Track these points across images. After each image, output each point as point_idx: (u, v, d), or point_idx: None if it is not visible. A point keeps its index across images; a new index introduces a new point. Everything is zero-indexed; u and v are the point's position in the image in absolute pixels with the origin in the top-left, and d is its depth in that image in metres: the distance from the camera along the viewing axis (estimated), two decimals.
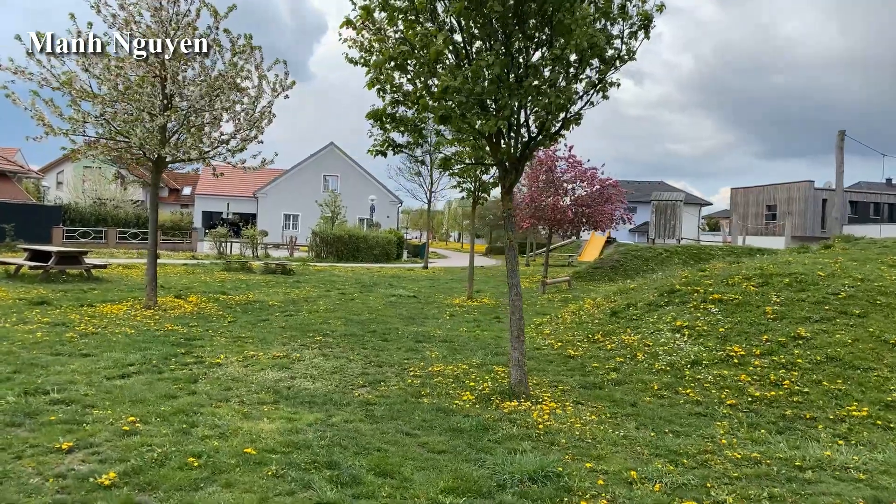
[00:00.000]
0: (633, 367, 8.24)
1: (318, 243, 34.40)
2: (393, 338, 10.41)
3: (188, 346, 8.83)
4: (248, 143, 13.07)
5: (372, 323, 11.91)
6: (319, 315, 12.56)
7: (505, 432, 5.75)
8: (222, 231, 34.05)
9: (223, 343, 9.22)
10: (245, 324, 11.05)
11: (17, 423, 5.18)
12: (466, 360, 8.93)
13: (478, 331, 11.66)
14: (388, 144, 8.10)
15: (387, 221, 50.35)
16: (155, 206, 12.55)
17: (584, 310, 12.00)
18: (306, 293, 16.28)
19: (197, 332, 9.90)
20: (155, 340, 9.01)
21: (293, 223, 51.91)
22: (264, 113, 12.97)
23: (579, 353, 9.29)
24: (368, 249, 34.73)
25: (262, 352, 8.65)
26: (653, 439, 5.74)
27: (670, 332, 9.02)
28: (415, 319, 12.80)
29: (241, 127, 12.72)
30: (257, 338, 9.74)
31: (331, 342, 9.73)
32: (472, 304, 15.88)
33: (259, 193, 51.27)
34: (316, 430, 5.47)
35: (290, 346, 9.21)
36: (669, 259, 28.10)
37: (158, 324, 10.48)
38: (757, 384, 7.20)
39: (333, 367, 7.94)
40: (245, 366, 7.77)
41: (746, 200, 59.43)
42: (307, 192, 51.02)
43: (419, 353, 9.29)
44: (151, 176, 12.62)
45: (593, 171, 25.51)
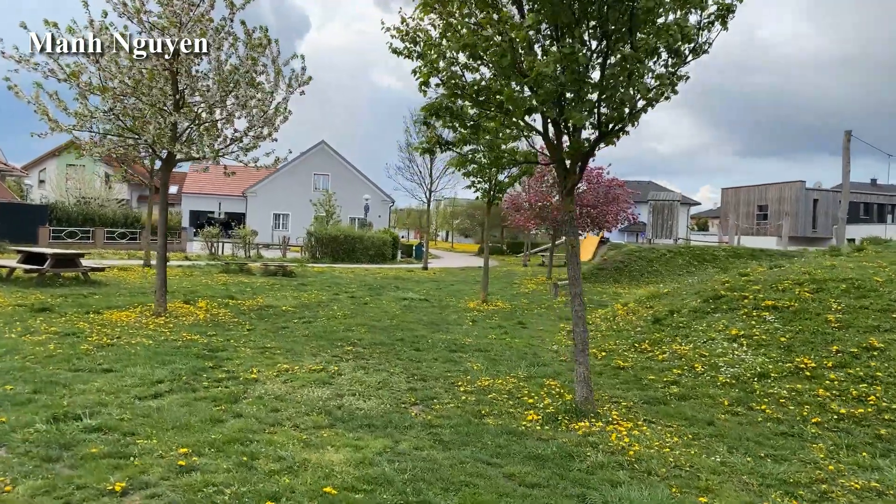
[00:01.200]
0: (694, 381, 7.76)
1: (312, 243, 33.65)
2: (424, 347, 9.84)
3: (214, 358, 8.20)
4: (261, 140, 12.44)
5: (396, 330, 11.33)
6: (339, 321, 11.95)
7: (593, 460, 5.22)
8: (214, 231, 33.23)
9: (250, 354, 8.60)
10: (265, 332, 10.42)
11: (54, 458, 4.55)
12: (510, 372, 8.39)
13: (507, 338, 11.14)
14: (437, 141, 7.56)
15: (378, 221, 49.69)
16: (165, 207, 11.86)
17: (619, 315, 11.52)
18: (316, 297, 15.64)
19: (218, 343, 9.26)
20: (177, 353, 8.36)
21: (283, 223, 51.05)
22: (279, 109, 12.35)
23: (629, 363, 8.79)
24: (364, 250, 34.07)
25: (295, 364, 8.04)
26: (753, 466, 5.25)
27: (726, 341, 8.56)
28: (438, 326, 12.24)
29: (255, 124, 12.08)
30: (284, 348, 9.13)
31: (363, 353, 9.14)
32: (490, 309, 15.35)
33: (248, 192, 50.33)
34: (389, 460, 4.90)
35: (323, 358, 8.62)
36: (673, 260, 27.84)
37: (175, 333, 9.82)
38: (838, 400, 6.75)
39: (378, 382, 7.36)
40: (284, 381, 7.17)
41: (737, 200, 59.58)
42: (297, 192, 50.20)
43: (458, 364, 8.74)
44: (161, 174, 11.93)
45: (599, 170, 25.13)
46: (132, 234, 34.60)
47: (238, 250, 33.97)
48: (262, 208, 50.10)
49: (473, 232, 73.41)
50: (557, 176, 7.04)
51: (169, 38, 10.55)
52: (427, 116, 6.79)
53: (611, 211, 24.97)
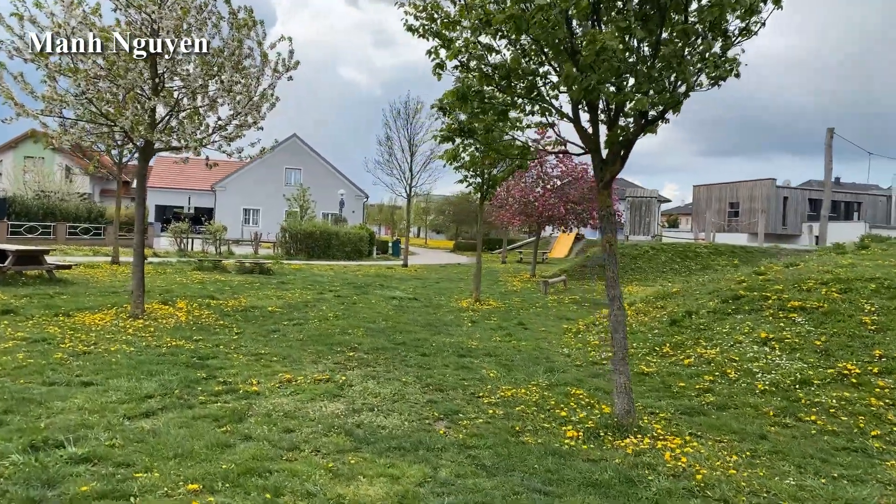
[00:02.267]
0: (730, 388, 7.24)
1: (287, 240, 32.64)
2: (430, 351, 9.17)
3: (205, 367, 7.41)
4: (245, 128, 11.61)
5: (394, 333, 10.63)
6: (331, 323, 11.20)
7: (657, 486, 4.63)
8: (184, 226, 31.94)
9: (244, 362, 7.82)
10: (256, 336, 9.63)
11: (36, 500, 3.77)
12: (530, 379, 7.78)
13: (513, 341, 10.53)
14: (459, 130, 6.89)
15: (352, 216, 48.68)
16: (143, 201, 10.94)
17: (629, 316, 10.99)
18: (300, 296, 14.83)
19: (207, 349, 8.45)
20: (163, 361, 7.54)
21: (253, 218, 49.69)
22: (265, 96, 11.52)
23: (653, 369, 8.26)
24: (340, 246, 33.16)
25: (297, 374, 7.29)
26: (833, 490, 4.72)
27: (755, 344, 8.08)
28: (437, 328, 11.58)
29: (240, 111, 11.23)
30: (280, 354, 8.37)
31: (367, 359, 8.43)
32: (485, 308, 14.73)
33: (217, 187, 48.83)
34: (434, 492, 4.23)
35: (325, 365, 7.89)
36: (656, 257, 27.67)
37: (156, 338, 8.97)
38: (893, 409, 6.29)
39: (393, 394, 6.67)
40: (289, 394, 6.43)
41: (709, 197, 60.08)
42: (268, 186, 48.92)
43: (472, 371, 8.10)
44: (138, 165, 10.99)
45: (585, 166, 24.68)
46: (96, 229, 33.11)
47: (208, 246, 32.72)
48: (231, 203, 48.64)
49: (446, 228, 72.76)
50: (594, 167, 6.43)
51: (147, 14, 9.66)
52: (453, 102, 6.12)
53: (595, 208, 24.51)
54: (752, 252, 30.12)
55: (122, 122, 9.94)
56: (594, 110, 6.26)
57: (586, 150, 6.46)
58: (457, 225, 59.78)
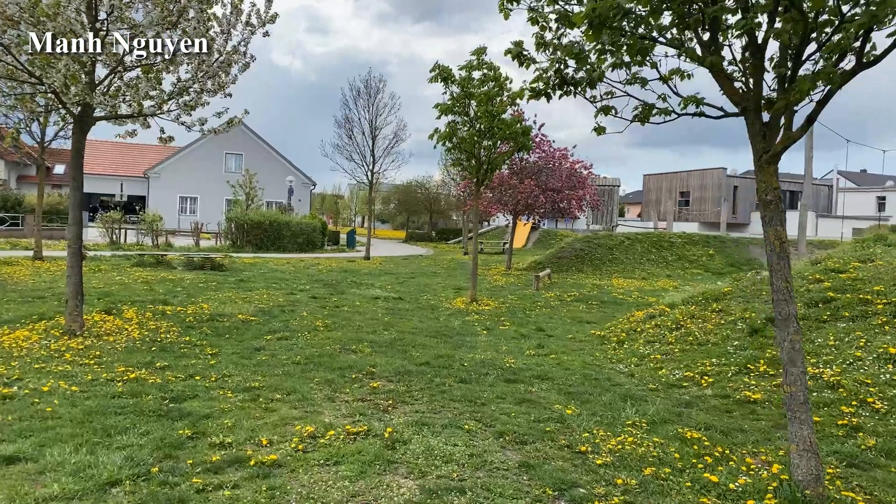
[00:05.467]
0: (885, 426, 5.62)
1: (233, 230, 29.85)
2: (467, 375, 7.23)
3: (185, 416, 5.24)
4: (209, 94, 9.33)
5: (407, 348, 8.63)
6: (325, 336, 9.08)
7: None
8: (116, 216, 28.70)
9: (238, 404, 5.68)
10: (237, 358, 7.44)
11: None
12: (617, 416, 5.96)
13: (551, 355, 8.71)
14: (560, 80, 4.92)
15: (299, 205, 45.84)
16: (80, 185, 8.52)
17: (672, 319, 9.32)
18: (269, 298, 12.57)
19: (179, 382, 6.25)
20: (123, 408, 5.33)
21: (191, 207, 46.17)
22: (236, 53, 9.26)
23: (759, 395, 6.58)
24: (292, 237, 30.63)
25: (318, 421, 5.22)
26: None
27: (885, 362, 6.51)
28: (450, 337, 9.63)
29: (206, 71, 8.94)
30: (280, 388, 6.25)
31: (397, 391, 6.41)
32: (484, 309, 12.86)
33: (150, 173, 45.04)
34: None
35: (348, 405, 5.84)
36: (632, 247, 26.51)
37: (105, 366, 6.69)
38: None
39: (468, 457, 4.70)
40: (323, 462, 4.39)
41: (659, 186, 60.02)
42: (207, 172, 45.53)
43: (537, 406, 6.21)
44: (74, 138, 8.53)
45: (563, 151, 23.13)
46: (13, 219, 29.47)
47: (144, 238, 29.59)
48: (166, 191, 44.96)
49: (392, 218, 70.42)
50: (751, 135, 4.61)
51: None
52: (589, 29, 4.15)
53: (576, 196, 23.02)
54: (724, 241, 29.41)
55: (50, 79, 7.51)
56: (759, 51, 4.46)
57: (742, 111, 4.64)
58: (407, 214, 57.56)
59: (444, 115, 12.76)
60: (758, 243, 30.35)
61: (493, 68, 13.03)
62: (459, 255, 33.41)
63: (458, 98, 13.03)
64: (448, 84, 13.03)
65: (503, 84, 13.07)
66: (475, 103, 13.06)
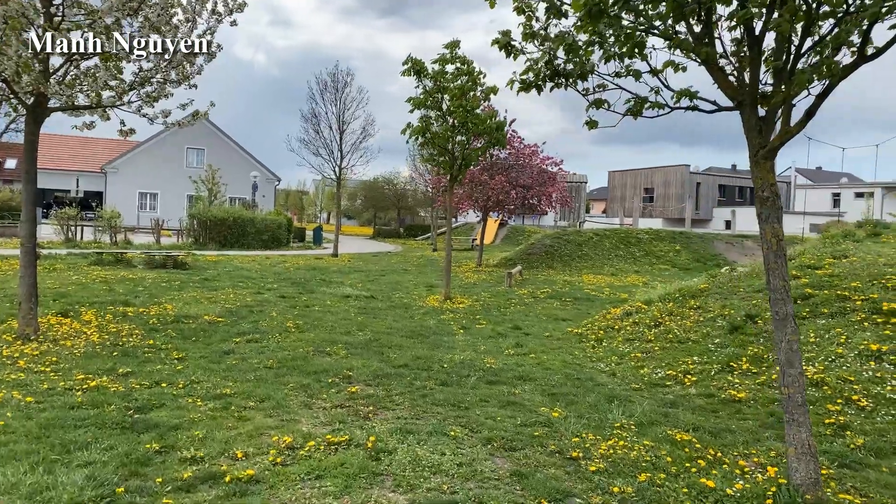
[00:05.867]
0: (871, 423, 5.57)
1: (195, 227, 29.05)
2: (447, 377, 7.00)
3: (152, 427, 4.89)
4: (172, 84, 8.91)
5: (383, 349, 8.37)
6: (297, 338, 8.75)
7: None
8: (71, 212, 27.68)
9: (208, 412, 5.34)
10: (207, 364, 7.08)
11: None
12: (604, 418, 5.80)
13: (530, 354, 8.54)
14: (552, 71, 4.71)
15: (263, 201, 44.95)
16: (32, 178, 8.01)
17: (650, 316, 9.25)
18: (236, 298, 12.15)
19: (144, 390, 5.88)
20: (83, 420, 4.95)
21: (151, 203, 44.90)
22: (201, 43, 8.85)
23: (744, 394, 6.50)
24: (257, 234, 29.96)
25: (296, 430, 4.93)
26: None
27: (867, 359, 6.50)
28: (426, 337, 9.40)
29: (172, 60, 8.52)
30: (253, 394, 5.92)
31: (377, 396, 6.15)
32: (459, 307, 12.66)
33: (108, 168, 43.65)
34: None
35: (326, 412, 5.56)
36: (601, 243, 26.59)
37: (63, 374, 6.28)
38: None
39: (457, 466, 4.47)
40: (304, 476, 4.11)
41: (624, 183, 60.62)
42: (167, 168, 44.33)
43: (523, 409, 6.02)
44: (27, 129, 8.01)
45: (534, 147, 23.06)
46: None
47: (101, 235, 28.58)
48: (124, 186, 43.60)
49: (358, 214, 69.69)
50: (746, 129, 4.48)
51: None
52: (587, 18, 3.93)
53: (546, 192, 22.96)
54: (690, 237, 29.76)
55: (0, 67, 7.02)
56: (756, 43, 4.32)
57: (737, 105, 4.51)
58: (374, 211, 57.02)
59: (418, 108, 12.49)
60: (722, 239, 30.83)
61: (467, 62, 12.81)
62: (429, 252, 33.18)
63: (431, 92, 12.78)
64: (421, 78, 12.77)
65: (476, 79, 12.87)
66: (448, 97, 12.83)
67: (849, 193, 56.65)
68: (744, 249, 29.36)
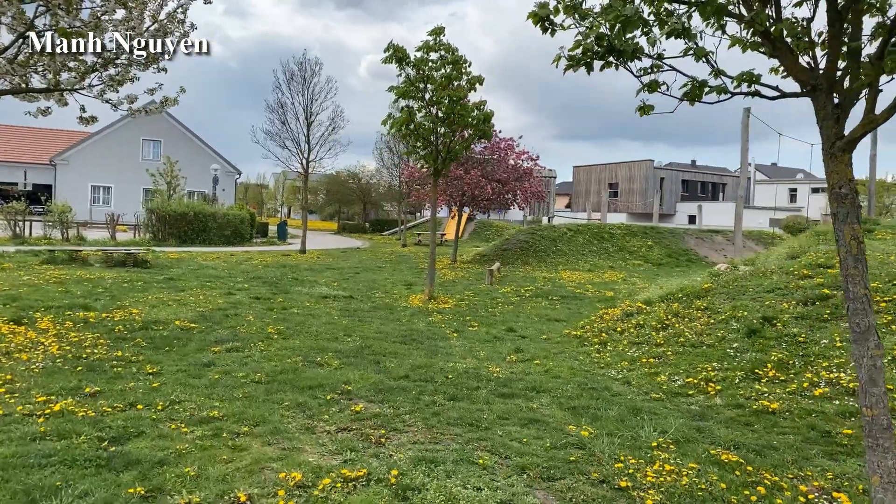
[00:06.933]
0: None
1: (154, 222, 27.71)
2: (455, 391, 6.39)
3: (133, 464, 4.16)
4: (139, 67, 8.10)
5: (377, 357, 7.71)
6: (282, 346, 8.02)
7: None
8: (19, 206, 26.05)
9: (196, 441, 4.62)
10: (185, 378, 6.30)
11: None
12: (636, 435, 5.29)
13: (537, 362, 7.99)
14: (604, 48, 4.12)
15: (223, 195, 43.42)
16: None
17: (655, 318, 8.79)
18: (206, 300, 11.29)
19: (118, 415, 5.11)
20: (48, 457, 4.18)
21: (104, 197, 42.95)
22: (172, 20, 8.05)
23: (777, 405, 6.06)
24: (219, 229, 28.75)
25: (302, 461, 4.25)
26: None
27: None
28: (420, 342, 8.77)
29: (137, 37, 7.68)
30: (245, 417, 5.21)
31: (385, 415, 5.49)
32: (444, 308, 12.05)
33: (58, 160, 41.53)
34: None
35: (331, 436, 4.89)
36: (574, 238, 26.34)
37: (20, 395, 5.45)
38: None
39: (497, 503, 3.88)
40: None
41: (589, 178, 60.81)
42: (122, 160, 42.46)
43: (546, 427, 5.45)
44: None
45: (510, 141, 22.55)
46: None
47: (51, 231, 27.01)
48: (75, 179, 41.56)
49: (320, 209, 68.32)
50: (819, 118, 3.98)
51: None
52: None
53: (522, 187, 22.49)
54: (661, 232, 29.72)
55: None
56: (840, 19, 3.82)
57: (806, 90, 4.00)
58: (338, 205, 55.88)
59: (402, 98, 11.81)
60: (692, 234, 30.86)
61: (452, 50, 12.17)
62: (398, 247, 32.44)
63: (414, 81, 12.11)
64: (403, 66, 12.08)
65: (462, 67, 12.24)
66: (432, 87, 12.18)
67: (805, 189, 57.85)
68: (714, 244, 29.49)
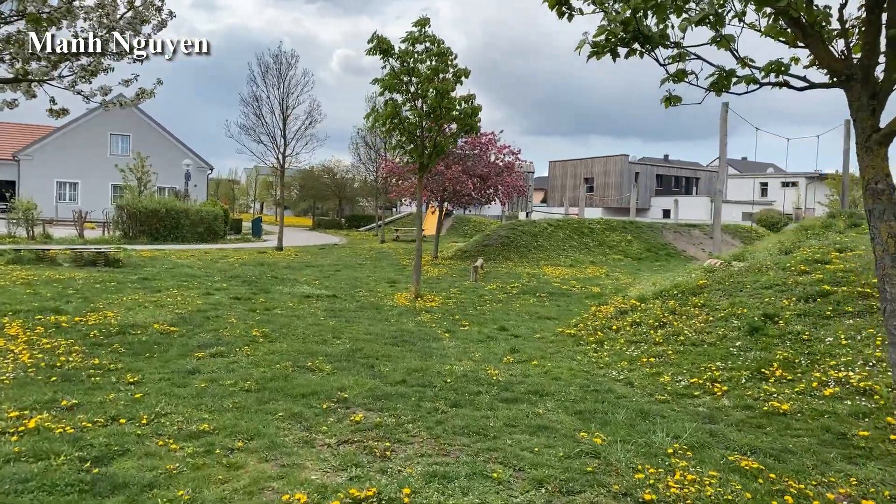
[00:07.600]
0: None
1: (125, 219, 26.89)
2: (458, 397, 6.11)
3: (119, 489, 3.81)
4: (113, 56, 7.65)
5: (370, 360, 7.40)
6: (269, 350, 7.66)
7: None
8: None
9: (187, 459, 4.27)
10: (170, 388, 5.92)
11: None
12: (650, 441, 5.07)
13: (534, 363, 7.75)
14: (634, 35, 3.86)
15: (195, 191, 42.48)
16: None
17: (651, 315, 8.61)
18: (185, 301, 10.85)
19: (100, 430, 4.73)
20: (25, 482, 3.81)
21: (70, 194, 41.74)
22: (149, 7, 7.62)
23: (788, 406, 5.90)
24: (192, 226, 28.06)
25: (305, 480, 3.95)
26: None
27: None
28: (412, 344, 8.47)
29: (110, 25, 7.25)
30: (238, 430, 4.87)
31: (385, 424, 5.19)
32: (432, 307, 11.77)
33: (21, 156, 40.22)
34: None
35: (332, 450, 4.58)
36: (555, 234, 26.25)
37: None
38: None
39: None
40: None
41: (564, 172, 60.95)
42: (89, 155, 41.27)
43: (556, 434, 5.20)
44: None
45: (491, 136, 22.31)
46: None
47: (16, 229, 26.05)
48: (40, 175, 40.27)
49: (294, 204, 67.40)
50: (853, 110, 3.78)
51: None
52: None
53: (506, 182, 22.27)
54: (640, 227, 29.79)
55: None
56: (878, 7, 3.62)
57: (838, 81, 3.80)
58: (313, 201, 55.15)
59: (388, 91, 11.47)
60: (670, 228, 31.00)
61: (437, 42, 11.86)
62: (375, 244, 32.04)
63: (399, 73, 11.77)
64: (387, 58, 11.73)
65: (448, 60, 11.94)
66: (417, 80, 11.86)
67: (776, 183, 58.63)
68: (692, 238, 29.67)
